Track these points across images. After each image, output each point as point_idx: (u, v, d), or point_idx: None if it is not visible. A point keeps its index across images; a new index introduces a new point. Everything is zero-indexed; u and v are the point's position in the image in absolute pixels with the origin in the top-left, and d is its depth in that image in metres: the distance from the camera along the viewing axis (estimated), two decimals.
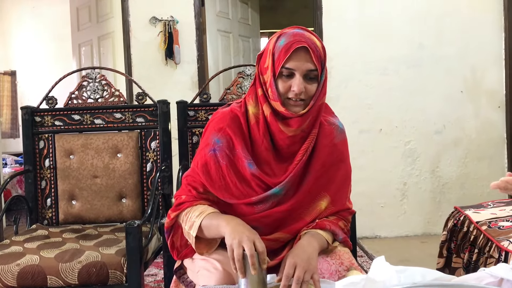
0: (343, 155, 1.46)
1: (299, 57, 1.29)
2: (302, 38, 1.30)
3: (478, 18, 3.81)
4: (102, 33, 4.34)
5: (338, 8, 3.80)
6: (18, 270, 1.78)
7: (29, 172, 2.33)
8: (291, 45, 1.28)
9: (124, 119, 2.35)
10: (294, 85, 1.29)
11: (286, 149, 1.38)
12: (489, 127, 3.86)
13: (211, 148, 1.39)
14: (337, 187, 1.43)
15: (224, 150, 1.38)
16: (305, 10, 6.96)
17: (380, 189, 3.84)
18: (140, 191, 2.32)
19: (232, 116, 1.41)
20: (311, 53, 1.29)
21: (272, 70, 1.32)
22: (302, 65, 1.29)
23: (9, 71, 6.58)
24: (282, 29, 1.37)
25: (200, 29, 3.85)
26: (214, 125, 1.42)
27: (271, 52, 1.33)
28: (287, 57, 1.28)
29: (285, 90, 1.31)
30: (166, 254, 2.08)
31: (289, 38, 1.30)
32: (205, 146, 1.41)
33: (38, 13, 6.37)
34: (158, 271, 3.10)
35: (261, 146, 1.38)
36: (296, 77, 1.30)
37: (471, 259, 1.99)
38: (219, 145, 1.38)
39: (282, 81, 1.31)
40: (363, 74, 3.81)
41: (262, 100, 1.36)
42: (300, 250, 1.26)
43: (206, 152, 1.40)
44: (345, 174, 1.46)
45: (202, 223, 1.32)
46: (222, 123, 1.40)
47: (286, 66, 1.29)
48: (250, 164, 1.36)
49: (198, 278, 1.36)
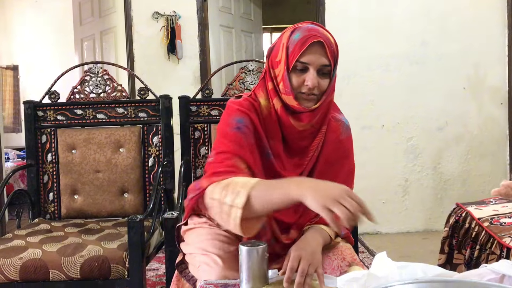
0: (348, 151, 1.47)
1: (314, 52, 1.28)
2: (318, 33, 1.29)
3: (481, 15, 3.80)
4: (105, 28, 4.34)
5: (341, 4, 3.79)
6: (21, 264, 1.78)
7: (32, 166, 2.33)
8: (306, 39, 1.28)
9: (126, 114, 2.35)
10: (308, 80, 1.29)
11: (296, 143, 1.38)
12: (491, 124, 3.86)
13: (234, 127, 1.32)
14: (340, 183, 1.43)
15: (248, 129, 1.33)
16: (308, 5, 6.94)
17: (382, 185, 3.84)
18: (142, 186, 2.33)
19: (250, 103, 1.38)
20: (326, 48, 1.29)
21: (286, 64, 1.30)
22: (317, 59, 1.29)
23: (11, 66, 6.59)
24: (294, 24, 1.36)
25: (203, 24, 3.84)
26: (234, 110, 1.36)
27: (284, 45, 1.31)
28: (302, 51, 1.28)
29: (298, 84, 1.31)
30: (168, 248, 2.08)
31: (305, 33, 1.29)
32: (226, 127, 1.34)
33: (41, 7, 6.36)
34: (160, 266, 3.11)
35: (274, 138, 1.37)
36: (310, 72, 1.29)
37: (472, 255, 1.99)
38: (243, 124, 1.33)
39: (296, 75, 1.31)
40: (365, 70, 3.81)
41: (273, 94, 1.36)
42: (305, 244, 1.26)
43: (228, 131, 1.32)
44: (349, 170, 1.46)
45: (252, 193, 1.14)
46: (242, 107, 1.36)
47: (301, 60, 1.29)
48: (268, 153, 1.36)
49: (199, 273, 1.37)
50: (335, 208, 1.01)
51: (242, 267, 1.18)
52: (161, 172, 2.23)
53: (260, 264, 1.16)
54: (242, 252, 1.17)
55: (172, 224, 1.88)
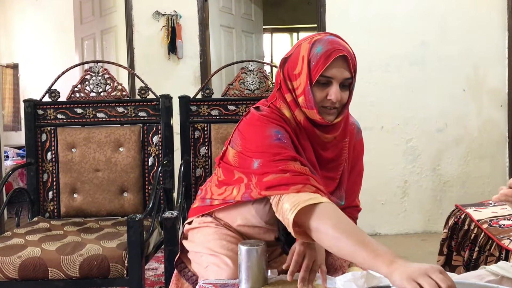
0: (360, 154, 1.49)
1: (338, 66, 1.27)
2: (340, 46, 1.28)
3: (481, 17, 3.80)
4: (105, 27, 4.34)
5: (341, 4, 3.79)
6: (20, 262, 1.78)
7: (31, 165, 2.33)
8: (331, 53, 1.26)
9: (126, 113, 2.35)
10: (332, 94, 1.28)
11: (322, 155, 1.37)
12: (491, 126, 3.86)
13: (273, 138, 1.27)
14: (350, 184, 1.45)
15: (288, 140, 1.29)
16: (308, 6, 6.95)
17: (381, 187, 3.84)
18: (141, 185, 2.33)
19: (278, 116, 1.34)
20: (349, 62, 1.28)
21: (309, 78, 1.28)
22: (341, 73, 1.28)
23: (11, 64, 6.58)
24: (307, 35, 1.34)
25: (203, 24, 3.84)
26: (266, 122, 1.31)
27: (305, 58, 1.29)
28: (327, 66, 1.26)
29: (321, 98, 1.29)
30: (167, 248, 2.08)
31: (327, 46, 1.27)
32: (262, 139, 1.28)
33: (41, 6, 6.35)
34: (159, 265, 3.11)
35: (306, 149, 1.35)
36: (334, 86, 1.28)
37: (471, 257, 2.00)
38: (282, 135, 1.29)
39: (319, 89, 1.29)
40: (365, 71, 3.80)
41: (293, 106, 1.34)
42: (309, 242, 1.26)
43: (267, 143, 1.26)
44: (358, 172, 1.48)
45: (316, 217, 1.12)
46: (274, 120, 1.32)
47: (325, 75, 1.27)
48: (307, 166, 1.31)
49: (208, 273, 1.36)
50: (422, 280, 0.92)
51: (241, 266, 1.18)
52: (161, 171, 2.23)
53: (259, 264, 1.17)
54: (241, 251, 1.17)
55: (171, 224, 1.88)
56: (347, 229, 1.09)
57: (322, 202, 1.15)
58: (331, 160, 1.38)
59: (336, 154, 1.38)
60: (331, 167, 1.38)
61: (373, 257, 1.02)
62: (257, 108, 1.40)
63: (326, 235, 1.10)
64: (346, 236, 1.07)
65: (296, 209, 1.13)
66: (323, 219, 1.12)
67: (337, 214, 1.14)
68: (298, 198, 1.15)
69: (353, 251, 1.05)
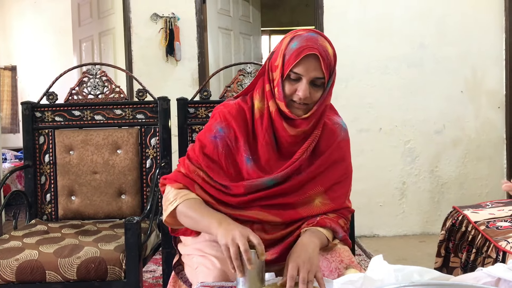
0: (344, 154, 1.47)
1: (308, 64, 1.29)
2: (315, 44, 1.29)
3: (479, 19, 3.81)
4: (103, 29, 4.34)
5: (340, 6, 3.80)
6: (17, 265, 1.78)
7: (29, 167, 2.33)
8: (302, 50, 1.28)
9: (124, 116, 2.35)
10: (300, 90, 1.30)
11: (288, 147, 1.40)
12: (488, 128, 3.87)
13: (212, 135, 1.41)
14: (334, 184, 1.44)
15: (225, 139, 1.40)
16: (306, 8, 6.96)
17: (379, 188, 3.84)
18: (139, 187, 2.33)
19: (239, 109, 1.42)
20: (320, 61, 1.29)
21: (281, 71, 1.32)
22: (310, 72, 1.30)
23: (9, 66, 6.57)
24: (295, 29, 1.37)
25: (201, 26, 3.85)
26: (220, 115, 1.42)
27: (282, 52, 1.32)
28: (296, 62, 1.28)
29: (290, 92, 1.32)
30: (165, 250, 2.08)
31: (302, 43, 1.30)
32: (205, 131, 1.43)
33: (39, 8, 6.35)
34: (157, 268, 3.11)
35: (262, 141, 1.38)
36: (303, 82, 1.30)
37: (469, 259, 2.00)
38: (221, 134, 1.40)
39: (289, 84, 1.32)
40: (363, 73, 3.81)
41: (269, 96, 1.38)
42: (301, 251, 1.26)
43: (206, 136, 1.42)
44: (345, 172, 1.47)
45: (183, 209, 1.34)
46: (228, 114, 1.41)
47: (294, 71, 1.30)
48: (248, 159, 1.38)
49: (197, 274, 1.37)
50: (231, 247, 1.16)
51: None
52: (159, 173, 2.23)
53: (257, 262, 1.17)
54: None
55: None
56: (197, 208, 1.33)
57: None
58: (292, 153, 1.40)
59: (298, 148, 1.40)
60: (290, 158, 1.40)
61: (209, 222, 1.27)
62: (238, 97, 1.49)
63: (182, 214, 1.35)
64: (194, 211, 1.32)
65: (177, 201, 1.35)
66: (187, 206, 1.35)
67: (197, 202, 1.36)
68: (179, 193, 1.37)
69: (200, 220, 1.31)
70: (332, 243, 1.40)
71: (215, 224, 1.25)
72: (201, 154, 1.40)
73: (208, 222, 1.28)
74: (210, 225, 1.26)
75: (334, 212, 1.44)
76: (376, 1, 3.81)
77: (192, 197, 1.36)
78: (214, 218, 1.28)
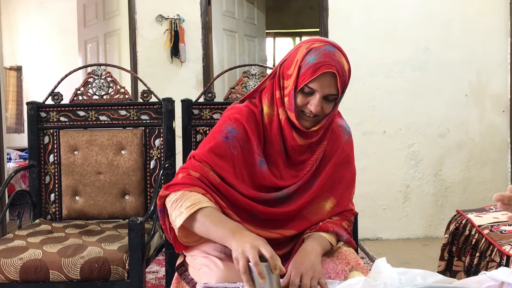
0: (349, 157, 1.47)
1: (324, 80, 1.28)
2: (332, 61, 1.28)
3: (484, 23, 3.81)
4: (108, 30, 4.36)
5: (344, 9, 3.80)
6: (21, 264, 1.79)
7: (34, 167, 2.34)
8: (319, 67, 1.27)
9: (128, 116, 2.35)
10: (312, 105, 1.30)
11: (295, 155, 1.40)
12: (493, 131, 3.86)
13: (223, 135, 1.37)
14: (342, 189, 1.45)
15: (237, 140, 1.37)
16: (311, 11, 6.97)
17: (383, 191, 3.84)
18: (143, 188, 2.33)
19: (249, 111, 1.40)
20: (337, 79, 1.28)
21: (295, 83, 1.31)
22: (325, 88, 1.29)
23: (15, 67, 6.61)
24: (310, 38, 1.36)
25: (206, 28, 3.86)
26: (230, 116, 1.40)
27: (298, 63, 1.31)
28: (312, 78, 1.27)
29: (302, 104, 1.32)
30: (168, 251, 2.09)
31: (320, 58, 1.28)
32: (216, 132, 1.39)
33: (45, 8, 6.38)
34: (160, 268, 3.11)
35: (272, 147, 1.38)
36: (316, 97, 1.30)
37: (472, 262, 1.99)
38: (233, 134, 1.37)
39: (302, 96, 1.31)
40: (368, 76, 3.81)
41: (279, 103, 1.37)
42: (303, 257, 1.26)
43: (216, 136, 1.38)
44: (350, 176, 1.47)
45: (198, 217, 1.26)
46: (239, 115, 1.39)
47: (309, 86, 1.29)
48: (261, 162, 1.37)
49: (200, 275, 1.37)
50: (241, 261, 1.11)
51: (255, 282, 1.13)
52: (163, 174, 2.23)
53: (270, 276, 1.11)
54: (251, 268, 1.13)
55: None
56: (212, 217, 1.26)
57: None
58: (304, 161, 1.40)
59: (306, 157, 1.40)
60: (298, 167, 1.40)
61: (223, 233, 1.21)
62: (244, 100, 1.47)
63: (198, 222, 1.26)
64: (210, 222, 1.24)
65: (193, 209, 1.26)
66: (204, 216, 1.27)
67: (212, 211, 1.28)
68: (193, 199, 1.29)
69: (214, 231, 1.24)
70: (336, 246, 1.40)
71: (229, 236, 1.19)
72: (210, 153, 1.36)
73: (222, 233, 1.22)
74: (224, 236, 1.21)
75: (338, 214, 1.45)
76: (381, 5, 3.81)
77: (205, 206, 1.28)
78: (227, 229, 1.21)
